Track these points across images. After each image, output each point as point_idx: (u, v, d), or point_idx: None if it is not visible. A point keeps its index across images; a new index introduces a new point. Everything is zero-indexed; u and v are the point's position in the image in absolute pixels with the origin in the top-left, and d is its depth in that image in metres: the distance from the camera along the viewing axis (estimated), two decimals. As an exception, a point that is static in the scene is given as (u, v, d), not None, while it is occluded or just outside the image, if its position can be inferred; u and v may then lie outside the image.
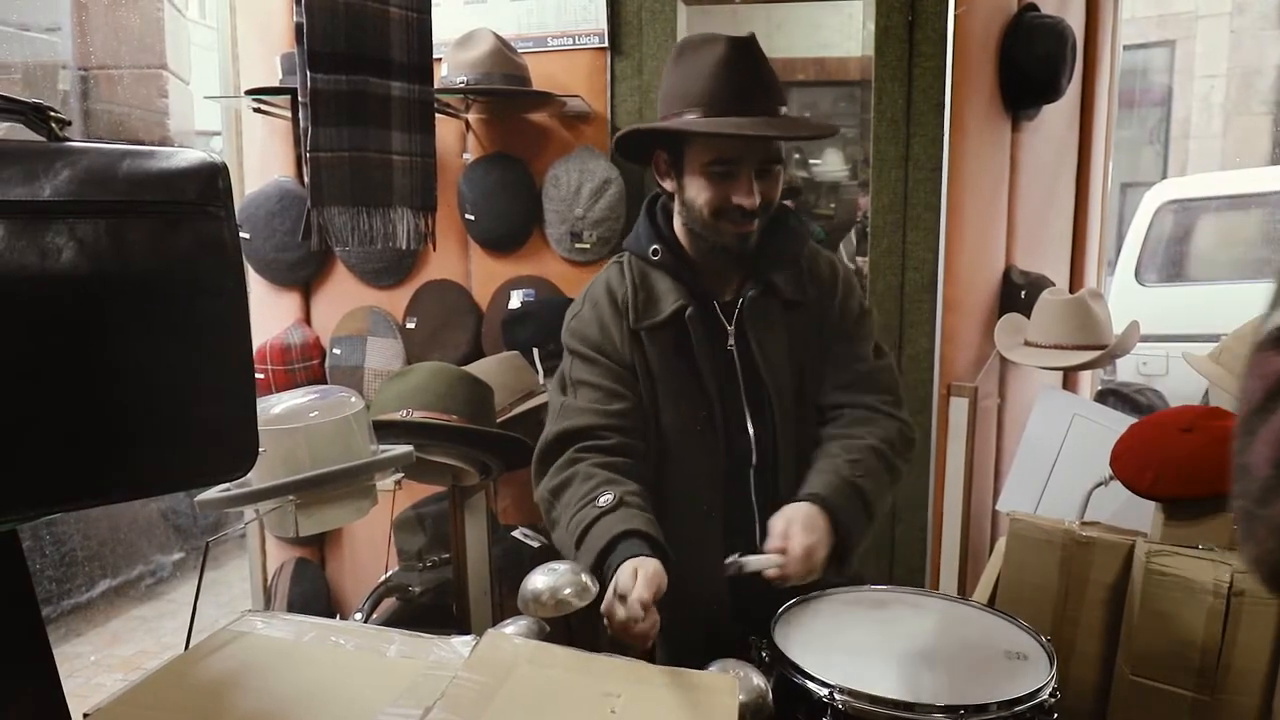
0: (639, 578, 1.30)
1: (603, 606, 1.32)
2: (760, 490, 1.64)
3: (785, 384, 1.63)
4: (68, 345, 0.93)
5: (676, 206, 1.64)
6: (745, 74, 1.52)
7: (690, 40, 1.58)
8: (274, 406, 1.58)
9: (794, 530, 1.41)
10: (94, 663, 3.98)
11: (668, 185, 1.64)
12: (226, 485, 1.49)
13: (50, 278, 0.91)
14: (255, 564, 3.08)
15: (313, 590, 2.93)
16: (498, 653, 1.11)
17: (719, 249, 1.60)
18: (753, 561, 1.37)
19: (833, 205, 4.60)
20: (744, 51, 1.52)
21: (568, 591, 1.29)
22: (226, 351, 1.05)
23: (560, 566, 1.33)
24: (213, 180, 1.03)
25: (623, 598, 1.27)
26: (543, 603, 1.28)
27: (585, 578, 1.32)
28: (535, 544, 2.34)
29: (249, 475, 1.49)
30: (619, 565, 1.35)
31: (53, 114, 1.00)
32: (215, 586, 4.58)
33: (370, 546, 2.79)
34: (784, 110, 1.56)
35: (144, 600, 4.58)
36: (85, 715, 0.98)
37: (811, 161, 4.76)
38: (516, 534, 2.40)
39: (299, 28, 1.95)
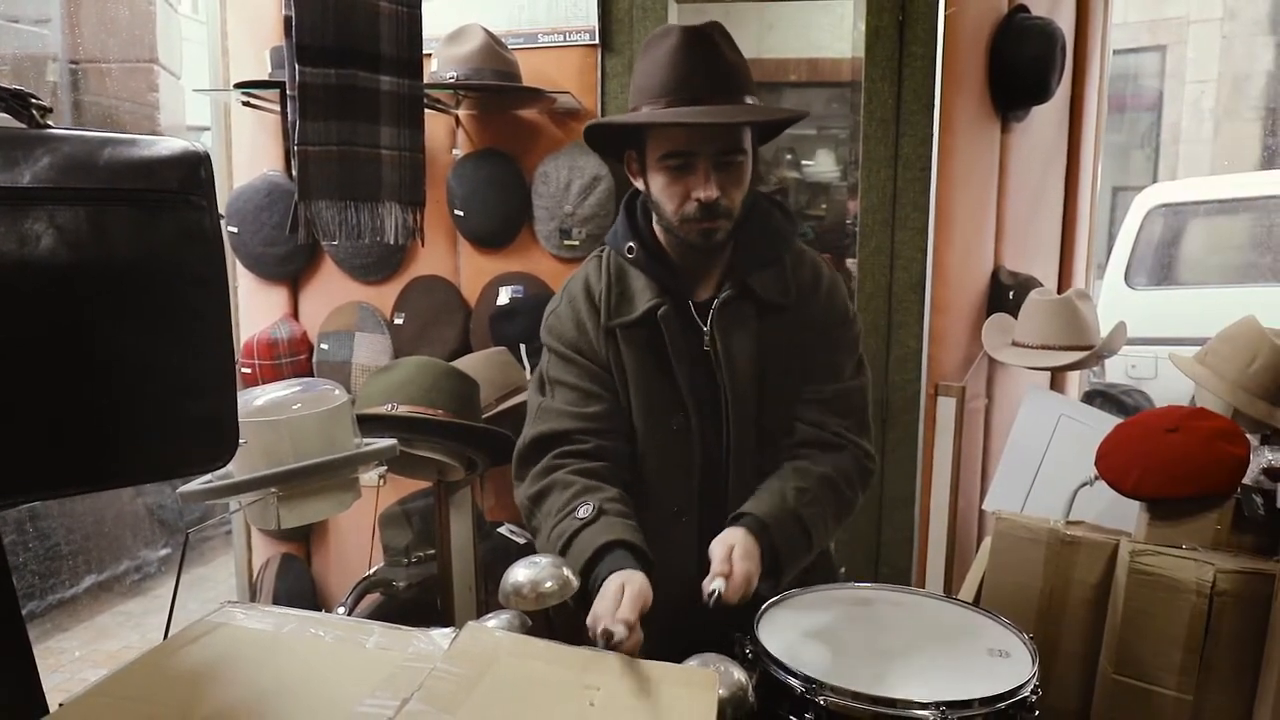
0: (625, 595, 1.29)
1: (588, 621, 1.32)
2: (732, 491, 1.62)
3: (748, 390, 1.60)
4: (46, 333, 0.93)
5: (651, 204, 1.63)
6: (698, 63, 1.49)
7: (654, 34, 1.56)
8: (257, 399, 1.57)
9: (735, 557, 1.40)
10: (79, 658, 3.96)
11: (640, 184, 1.63)
12: (208, 477, 1.49)
13: (29, 265, 0.91)
14: (241, 559, 3.07)
15: (298, 586, 2.92)
16: (477, 645, 1.11)
17: (691, 247, 1.58)
18: (716, 584, 1.35)
19: (824, 206, 4.61)
20: (698, 41, 1.50)
21: (549, 584, 1.28)
22: (207, 341, 1.05)
23: (541, 560, 1.33)
24: (195, 169, 1.03)
25: (608, 627, 1.27)
26: (524, 596, 1.28)
27: (566, 571, 1.32)
28: (521, 540, 2.33)
29: (231, 467, 1.49)
30: (605, 578, 1.35)
31: (34, 101, 1.00)
32: (201, 582, 4.57)
33: (356, 542, 2.78)
34: (750, 99, 1.53)
35: (130, 595, 4.55)
36: (60, 705, 0.97)
37: (804, 162, 4.76)
38: (502, 530, 2.40)
39: (288, 21, 1.94)
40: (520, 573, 1.30)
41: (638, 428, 1.63)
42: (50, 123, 0.99)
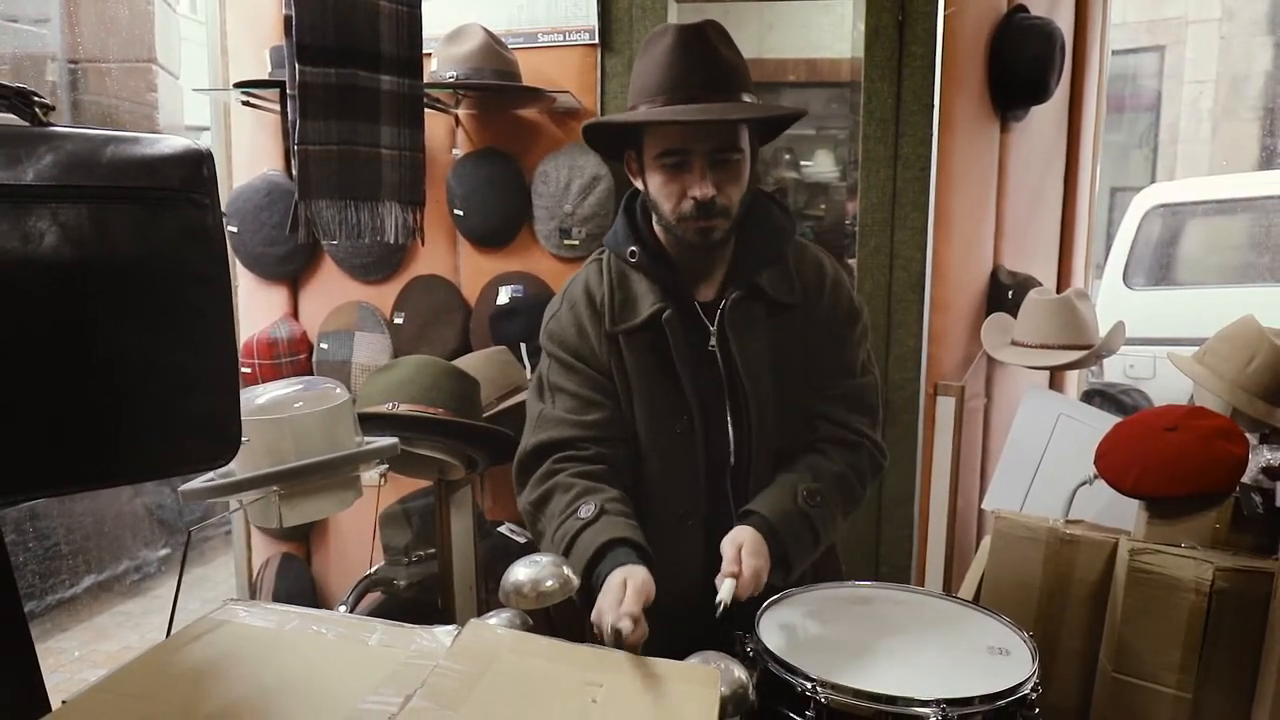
0: (628, 588, 1.31)
1: (592, 617, 1.33)
2: (737, 491, 1.63)
3: (765, 390, 1.61)
4: (49, 330, 0.93)
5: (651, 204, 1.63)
6: (694, 62, 1.49)
7: (652, 33, 1.57)
8: (259, 397, 1.57)
9: (744, 554, 1.43)
10: (78, 658, 3.96)
11: (639, 184, 1.63)
12: (210, 475, 1.49)
13: (32, 262, 0.91)
14: (240, 559, 3.07)
15: (298, 586, 2.92)
16: (480, 642, 1.11)
17: (691, 246, 1.58)
18: (725, 593, 1.38)
19: (823, 206, 4.61)
20: (694, 40, 1.50)
21: (549, 583, 1.29)
22: (210, 339, 1.05)
23: (542, 558, 1.33)
24: (197, 167, 1.03)
25: (615, 624, 1.28)
26: (524, 594, 1.28)
27: (566, 569, 1.32)
28: (521, 539, 2.33)
29: (233, 465, 1.49)
30: (607, 575, 1.37)
31: (37, 99, 1.00)
32: (201, 583, 4.56)
33: (356, 542, 2.78)
34: (747, 97, 1.53)
35: (129, 596, 4.55)
36: (64, 703, 0.98)
37: (803, 163, 4.77)
38: (503, 529, 2.40)
39: (288, 20, 1.94)
40: (521, 571, 1.30)
41: (640, 432, 1.63)
42: (53, 121, 1.00)
